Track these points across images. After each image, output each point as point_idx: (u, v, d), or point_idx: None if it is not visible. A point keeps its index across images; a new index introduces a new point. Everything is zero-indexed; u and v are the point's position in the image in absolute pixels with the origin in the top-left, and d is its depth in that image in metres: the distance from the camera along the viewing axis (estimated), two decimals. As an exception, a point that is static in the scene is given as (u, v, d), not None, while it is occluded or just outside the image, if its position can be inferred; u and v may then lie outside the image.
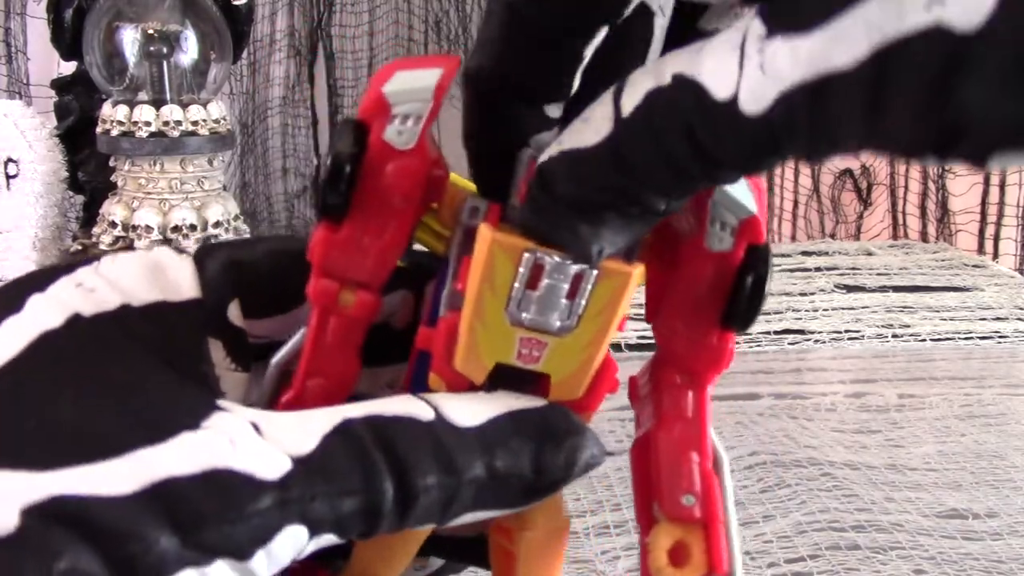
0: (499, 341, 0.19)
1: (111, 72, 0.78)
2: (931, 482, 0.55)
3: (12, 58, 1.06)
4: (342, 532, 0.18)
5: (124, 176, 0.76)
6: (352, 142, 0.19)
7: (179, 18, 0.77)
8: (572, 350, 0.19)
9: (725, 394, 0.67)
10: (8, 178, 0.79)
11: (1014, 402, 0.66)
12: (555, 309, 0.19)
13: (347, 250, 0.20)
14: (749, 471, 0.55)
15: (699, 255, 0.20)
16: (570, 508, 0.50)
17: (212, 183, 0.77)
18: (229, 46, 0.80)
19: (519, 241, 0.18)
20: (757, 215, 0.20)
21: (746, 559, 0.46)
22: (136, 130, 0.74)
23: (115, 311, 0.20)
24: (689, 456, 0.21)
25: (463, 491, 0.18)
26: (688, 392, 0.21)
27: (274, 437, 0.18)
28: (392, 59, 1.15)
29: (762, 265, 0.20)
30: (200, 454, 0.17)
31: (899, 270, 0.99)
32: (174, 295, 0.21)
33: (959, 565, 0.46)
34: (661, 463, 0.21)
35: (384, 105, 0.20)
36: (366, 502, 0.17)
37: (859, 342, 0.78)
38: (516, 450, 0.19)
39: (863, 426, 0.62)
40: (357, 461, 0.18)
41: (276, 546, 0.17)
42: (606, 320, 0.19)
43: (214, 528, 0.16)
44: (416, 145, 0.20)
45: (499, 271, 0.19)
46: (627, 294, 0.19)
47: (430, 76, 0.20)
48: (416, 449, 0.18)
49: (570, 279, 0.18)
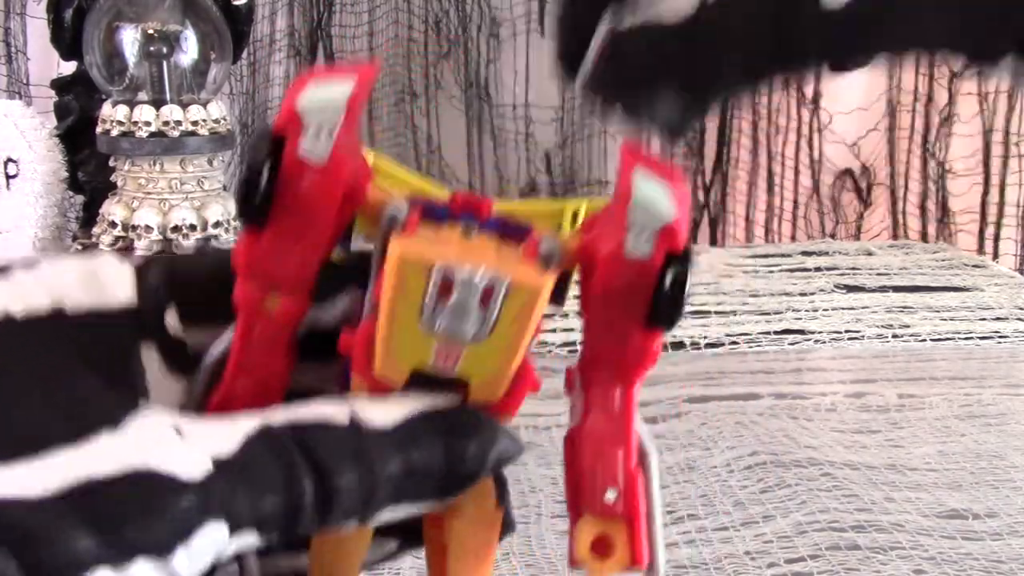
0: (415, 348, 0.20)
1: (111, 72, 0.78)
2: (931, 482, 0.55)
3: (12, 58, 1.06)
4: (263, 531, 0.18)
5: (124, 176, 0.76)
6: (265, 154, 0.20)
7: (179, 18, 0.77)
8: (488, 356, 0.20)
9: (725, 394, 0.67)
10: (8, 178, 0.79)
11: (1014, 402, 0.66)
12: (468, 319, 0.19)
13: (269, 255, 0.20)
14: (749, 471, 0.55)
15: (619, 261, 0.20)
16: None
17: (212, 183, 0.77)
18: (229, 46, 0.80)
19: (428, 255, 0.19)
20: (676, 222, 0.20)
21: (746, 559, 0.46)
22: (136, 130, 0.74)
23: (46, 314, 0.20)
24: (613, 452, 0.22)
25: (381, 488, 0.19)
26: (616, 389, 0.22)
27: (195, 439, 0.18)
28: (392, 59, 1.15)
29: (682, 264, 0.20)
30: (120, 454, 0.17)
31: (899, 270, 0.99)
32: (109, 301, 0.21)
33: (959, 565, 0.46)
34: (585, 458, 0.22)
35: (296, 119, 0.20)
36: (286, 501, 0.18)
37: (859, 342, 0.78)
38: (429, 446, 0.20)
39: (863, 426, 0.62)
40: (277, 462, 0.18)
41: (197, 544, 0.17)
42: (520, 327, 0.19)
43: (134, 526, 0.16)
44: (330, 159, 0.20)
45: (410, 284, 0.19)
46: (539, 303, 0.19)
47: (342, 89, 0.20)
48: (334, 449, 0.19)
49: (480, 292, 0.19)
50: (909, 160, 1.17)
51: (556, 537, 0.48)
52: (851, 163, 1.17)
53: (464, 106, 1.14)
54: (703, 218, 1.18)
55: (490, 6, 1.12)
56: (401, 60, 1.13)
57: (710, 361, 0.74)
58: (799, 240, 1.17)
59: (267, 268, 0.21)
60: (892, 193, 1.18)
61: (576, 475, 0.22)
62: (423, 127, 1.14)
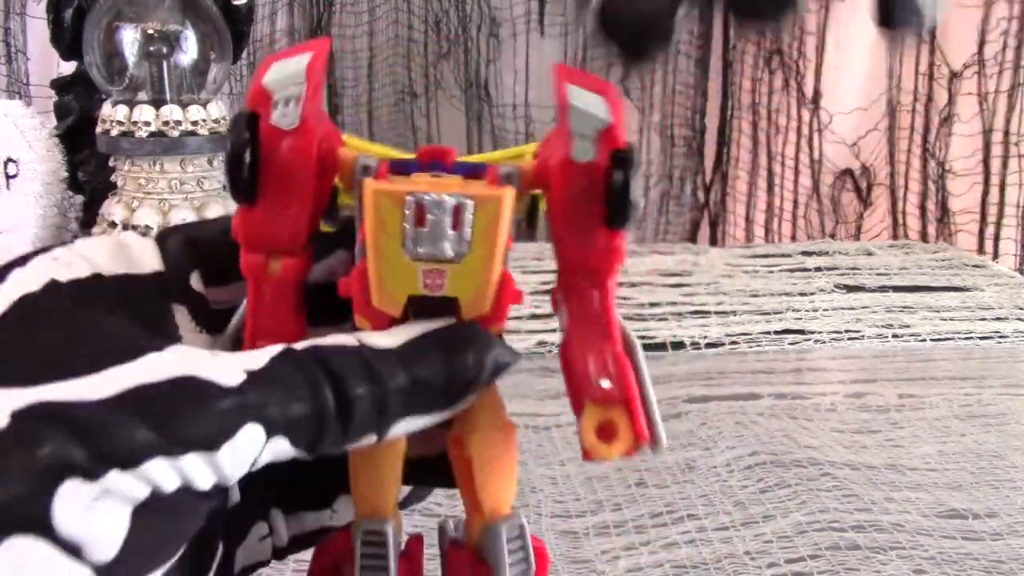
0: (404, 276, 0.22)
1: (111, 72, 0.78)
2: (931, 482, 0.55)
3: (12, 58, 1.06)
4: (294, 438, 0.20)
5: (124, 176, 0.76)
6: (244, 131, 0.22)
7: (179, 18, 0.77)
8: (470, 272, 0.22)
9: (725, 394, 0.67)
10: (8, 178, 0.79)
11: (1014, 402, 0.66)
12: (445, 239, 0.22)
13: (264, 225, 0.23)
14: (749, 471, 0.55)
15: (570, 168, 0.23)
16: (570, 508, 0.50)
17: (212, 183, 0.77)
18: (229, 46, 0.80)
19: (400, 187, 0.22)
20: (612, 123, 0.22)
21: (746, 559, 0.46)
22: (136, 130, 0.74)
23: (87, 278, 0.22)
24: (601, 345, 0.24)
25: (391, 400, 0.21)
26: (593, 292, 0.24)
27: (229, 358, 0.20)
28: (392, 59, 1.15)
29: (626, 165, 0.22)
30: (166, 366, 0.19)
31: (899, 270, 0.99)
32: (140, 268, 0.23)
33: (959, 565, 0.46)
34: (577, 356, 0.24)
35: (265, 94, 0.22)
36: (312, 409, 0.20)
37: (859, 342, 0.78)
38: (431, 360, 0.22)
39: (863, 426, 0.62)
40: (302, 374, 0.20)
41: (239, 443, 0.19)
42: (492, 240, 0.22)
43: (184, 422, 0.19)
44: (300, 123, 0.22)
45: (388, 217, 0.22)
46: (504, 213, 0.22)
47: (301, 61, 0.22)
48: (347, 366, 0.21)
49: (451, 211, 0.21)
50: (909, 160, 1.17)
51: (556, 537, 0.48)
52: (851, 163, 1.17)
53: (464, 106, 1.14)
54: (703, 218, 1.18)
55: (490, 6, 1.12)
56: (401, 60, 1.13)
57: (710, 361, 0.74)
58: (799, 240, 1.17)
59: (264, 236, 0.23)
60: (892, 193, 1.18)
61: (573, 376, 0.24)
62: (423, 127, 1.14)
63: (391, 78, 1.14)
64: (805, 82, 1.14)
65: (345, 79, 1.13)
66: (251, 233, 0.23)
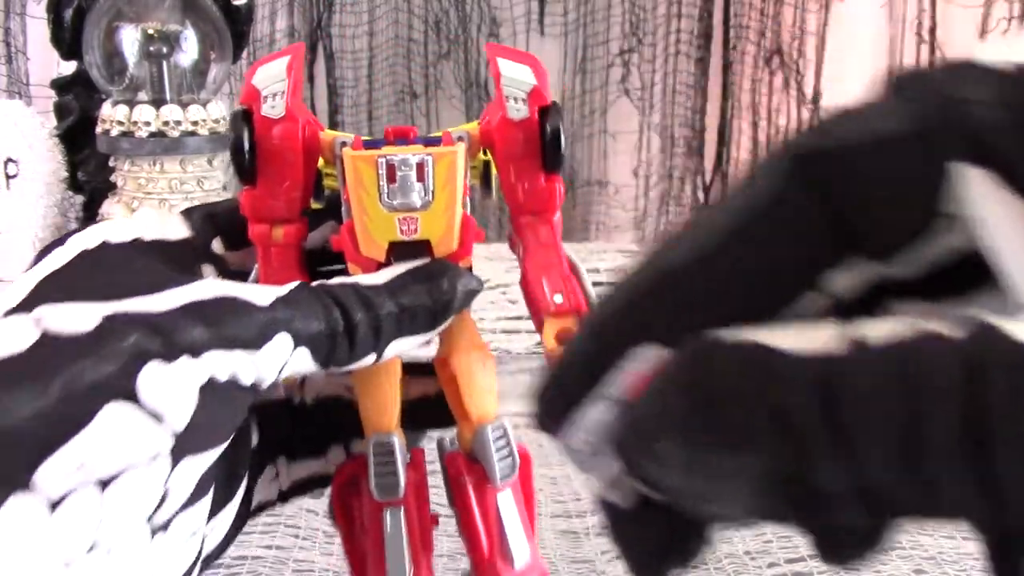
0: (384, 226, 0.27)
1: (111, 72, 0.78)
2: (931, 482, 0.55)
3: (12, 58, 1.06)
4: (313, 350, 0.25)
5: (124, 176, 0.76)
6: (241, 124, 0.28)
7: (179, 18, 0.77)
8: (437, 217, 0.27)
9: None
10: (8, 178, 0.79)
11: (1014, 402, 0.66)
12: (413, 191, 0.26)
13: (266, 200, 0.28)
14: (749, 471, 0.55)
15: (508, 126, 0.28)
16: (570, 508, 0.50)
17: (212, 183, 0.77)
18: (229, 46, 0.80)
19: (373, 152, 0.26)
20: (537, 86, 0.28)
21: (746, 559, 0.46)
22: (136, 130, 0.74)
23: (132, 240, 0.27)
24: (551, 268, 0.28)
25: (384, 323, 0.26)
26: (541, 227, 0.29)
27: (258, 286, 0.25)
28: (392, 59, 1.15)
29: (553, 117, 0.28)
30: (210, 288, 0.24)
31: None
32: (172, 234, 0.28)
33: (959, 565, 0.46)
34: (534, 281, 0.28)
35: (255, 92, 0.28)
36: (327, 328, 0.25)
37: (859, 342, 0.78)
38: (414, 290, 0.26)
39: (863, 426, 0.62)
40: (317, 300, 0.25)
41: (274, 347, 0.23)
42: (452, 188, 0.27)
43: (232, 326, 0.23)
44: (286, 112, 0.28)
45: (365, 177, 0.26)
46: (458, 164, 0.27)
47: (281, 63, 0.28)
48: (347, 297, 0.25)
49: (415, 167, 0.26)
50: (909, 160, 1.17)
51: (556, 537, 0.48)
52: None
53: (464, 106, 1.14)
54: (703, 218, 1.18)
55: (490, 6, 1.12)
56: (401, 60, 1.13)
57: (710, 361, 0.74)
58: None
59: (266, 208, 0.28)
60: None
61: (532, 298, 0.28)
62: (423, 127, 1.14)
63: (391, 78, 1.14)
64: (805, 82, 1.14)
65: (345, 79, 1.13)
66: (256, 207, 0.28)
